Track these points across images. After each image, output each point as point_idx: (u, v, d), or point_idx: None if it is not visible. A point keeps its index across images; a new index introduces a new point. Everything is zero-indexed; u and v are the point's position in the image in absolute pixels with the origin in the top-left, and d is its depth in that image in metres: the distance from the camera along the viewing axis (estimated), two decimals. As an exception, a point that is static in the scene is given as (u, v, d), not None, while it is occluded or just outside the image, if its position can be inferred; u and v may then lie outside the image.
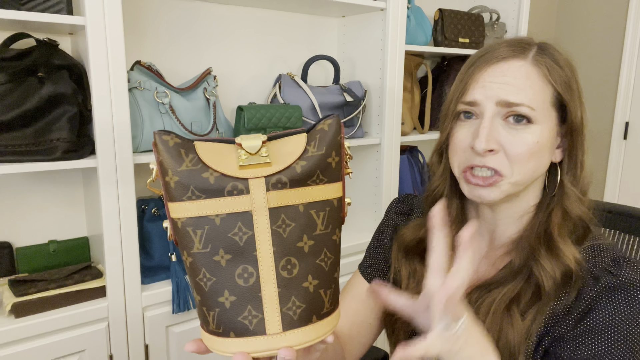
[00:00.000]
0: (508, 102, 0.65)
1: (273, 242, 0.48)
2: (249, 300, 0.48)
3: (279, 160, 0.49)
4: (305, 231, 0.49)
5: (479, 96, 0.67)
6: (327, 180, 0.51)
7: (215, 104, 1.36)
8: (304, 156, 0.49)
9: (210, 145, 0.50)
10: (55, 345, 1.10)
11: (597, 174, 2.66)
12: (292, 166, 0.49)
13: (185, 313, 1.26)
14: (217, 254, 0.48)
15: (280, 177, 0.48)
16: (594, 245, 0.69)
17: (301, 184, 0.49)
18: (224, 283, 0.48)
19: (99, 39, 1.07)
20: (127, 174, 1.14)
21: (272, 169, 0.48)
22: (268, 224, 0.48)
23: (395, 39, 1.59)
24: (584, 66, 2.66)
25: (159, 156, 0.49)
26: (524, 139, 0.66)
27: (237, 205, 0.48)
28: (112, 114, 1.10)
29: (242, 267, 0.48)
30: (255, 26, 1.57)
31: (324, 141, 0.50)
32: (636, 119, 2.51)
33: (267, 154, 0.49)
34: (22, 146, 1.05)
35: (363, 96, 1.59)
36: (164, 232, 1.28)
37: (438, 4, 2.03)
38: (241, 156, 0.48)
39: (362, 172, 1.74)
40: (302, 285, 0.49)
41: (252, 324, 0.48)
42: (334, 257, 0.52)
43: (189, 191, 0.48)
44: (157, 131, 0.49)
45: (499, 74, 0.67)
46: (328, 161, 0.50)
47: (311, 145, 0.50)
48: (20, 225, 1.27)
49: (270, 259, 0.48)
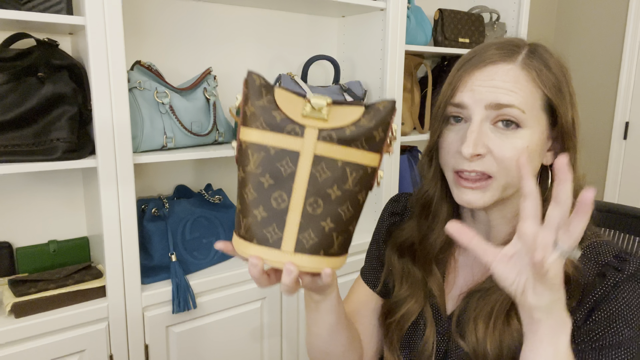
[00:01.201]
0: (498, 104, 0.64)
1: (309, 181, 0.58)
2: (275, 219, 0.58)
3: (335, 120, 0.58)
4: (337, 182, 0.58)
5: (467, 99, 0.67)
6: (368, 148, 0.59)
7: (215, 104, 1.36)
8: (356, 123, 0.58)
9: (287, 93, 0.59)
10: (55, 345, 1.10)
11: (597, 174, 2.66)
12: (344, 128, 0.57)
13: (185, 313, 1.26)
14: (263, 176, 0.58)
15: (330, 133, 0.57)
16: (593, 243, 0.68)
17: (346, 143, 0.57)
18: (261, 200, 0.58)
19: (99, 39, 1.07)
20: (127, 174, 1.14)
21: (327, 124, 0.57)
22: (309, 166, 0.57)
23: (395, 39, 1.59)
24: (584, 66, 2.66)
25: (245, 89, 0.59)
26: (513, 144, 0.65)
27: (291, 143, 0.57)
28: (112, 114, 1.10)
29: (279, 193, 0.58)
30: (255, 26, 1.58)
31: (376, 117, 0.58)
32: (636, 119, 2.51)
33: (327, 112, 0.58)
34: (22, 146, 1.05)
35: (363, 96, 1.59)
36: (164, 232, 1.28)
37: (438, 4, 2.03)
38: (305, 108, 0.58)
39: (362, 172, 1.73)
40: (320, 223, 0.58)
41: (272, 239, 0.58)
42: (354, 211, 0.60)
43: (259, 121, 0.58)
44: (250, 70, 0.60)
45: (486, 77, 0.66)
46: (374, 134, 0.58)
47: (365, 117, 0.58)
48: (20, 225, 1.27)
49: (302, 194, 0.58)
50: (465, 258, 0.79)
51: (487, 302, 0.68)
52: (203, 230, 1.36)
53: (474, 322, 0.68)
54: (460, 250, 0.80)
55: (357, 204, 0.60)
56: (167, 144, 1.25)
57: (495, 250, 0.55)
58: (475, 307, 0.69)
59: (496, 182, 0.66)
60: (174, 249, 1.29)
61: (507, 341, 0.65)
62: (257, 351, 1.41)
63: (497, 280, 0.57)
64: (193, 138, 1.30)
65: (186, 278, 1.26)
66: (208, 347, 1.32)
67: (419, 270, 0.78)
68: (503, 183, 0.66)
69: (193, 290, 1.26)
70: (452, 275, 0.79)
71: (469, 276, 0.77)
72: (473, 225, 0.78)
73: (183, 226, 1.32)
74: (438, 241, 0.77)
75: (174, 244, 1.30)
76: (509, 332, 0.66)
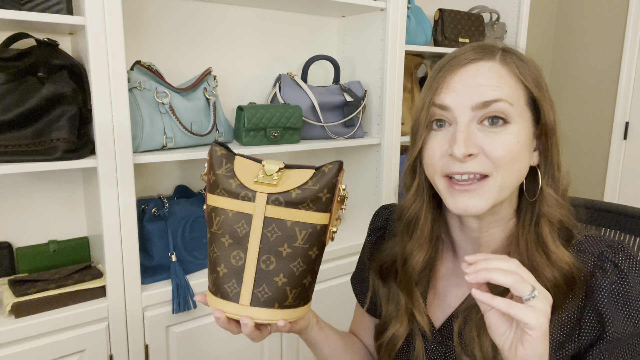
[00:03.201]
0: (485, 102, 0.62)
1: (261, 240, 0.64)
2: (235, 275, 0.65)
3: (284, 184, 0.64)
4: (287, 241, 0.64)
5: (450, 101, 0.64)
6: (315, 209, 0.64)
7: (215, 104, 1.36)
8: (302, 187, 0.64)
9: (245, 161, 0.67)
10: (55, 345, 1.10)
11: (597, 174, 2.65)
12: (290, 192, 0.64)
13: (185, 313, 1.26)
14: (224, 237, 0.65)
15: (278, 197, 0.64)
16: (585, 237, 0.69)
17: (293, 206, 0.64)
18: (222, 258, 0.66)
19: (99, 39, 1.07)
20: (127, 174, 1.14)
21: (276, 189, 0.64)
22: (261, 227, 0.64)
23: (395, 39, 1.59)
24: (584, 66, 2.66)
25: (209, 160, 0.68)
26: (505, 140, 0.63)
27: (244, 207, 0.64)
28: (112, 114, 1.10)
29: (237, 252, 0.65)
30: (255, 26, 1.58)
31: (322, 180, 0.64)
32: (636, 119, 2.51)
33: (278, 177, 0.64)
34: (22, 146, 1.05)
35: (363, 96, 1.59)
36: (164, 232, 1.28)
37: (438, 4, 2.03)
38: (259, 174, 0.65)
39: (362, 172, 1.74)
40: (274, 279, 0.64)
41: (232, 293, 0.65)
42: (305, 267, 0.65)
43: (219, 189, 0.66)
44: (213, 142, 0.69)
45: (469, 76, 0.64)
46: (319, 195, 0.64)
47: (312, 180, 0.65)
48: (20, 225, 1.27)
49: (255, 252, 0.64)
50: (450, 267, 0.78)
51: None
52: (203, 230, 1.36)
53: (479, 338, 0.67)
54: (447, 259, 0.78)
55: (309, 260, 0.65)
56: (167, 144, 1.25)
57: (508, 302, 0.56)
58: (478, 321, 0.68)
59: (492, 182, 0.63)
60: (174, 249, 1.29)
61: None
62: (257, 351, 1.41)
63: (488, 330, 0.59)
64: (193, 138, 1.30)
65: (186, 278, 1.26)
66: (208, 347, 1.32)
67: (401, 291, 0.76)
68: (499, 182, 0.64)
69: (193, 290, 1.26)
70: (440, 283, 0.77)
71: (454, 285, 0.76)
72: (461, 235, 0.75)
73: (183, 226, 1.32)
74: (420, 262, 0.74)
75: (174, 244, 1.30)
76: None
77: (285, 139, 1.43)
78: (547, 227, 0.67)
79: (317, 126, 1.52)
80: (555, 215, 0.67)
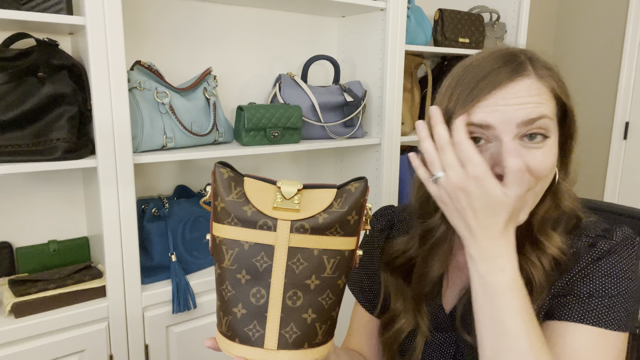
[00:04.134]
0: (531, 119, 0.63)
1: (286, 274, 0.57)
2: (256, 316, 0.57)
3: (307, 208, 0.57)
4: (315, 272, 0.57)
5: (493, 120, 0.63)
6: (344, 233, 0.58)
7: (215, 104, 1.36)
8: (328, 210, 0.58)
9: (257, 183, 0.59)
10: (55, 345, 1.10)
11: (597, 174, 2.65)
12: (316, 216, 0.57)
13: (185, 313, 1.26)
14: (240, 272, 0.57)
15: (303, 224, 0.57)
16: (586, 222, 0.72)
17: (320, 232, 0.57)
18: (240, 297, 0.58)
19: (99, 39, 1.07)
20: (127, 174, 1.14)
21: (299, 215, 0.57)
22: (285, 259, 0.57)
23: (395, 39, 1.59)
24: (584, 66, 2.65)
25: (214, 184, 0.59)
26: (545, 154, 0.64)
27: (264, 238, 0.57)
28: (112, 114, 1.10)
29: (257, 289, 0.57)
30: (255, 26, 1.58)
31: (349, 201, 0.58)
32: (636, 119, 2.51)
33: (299, 201, 0.57)
34: (22, 146, 1.05)
35: (363, 96, 1.59)
36: (164, 232, 1.28)
37: (438, 4, 2.03)
38: (277, 198, 0.57)
39: (362, 172, 1.74)
40: (302, 315, 0.57)
41: (254, 337, 0.57)
42: (335, 298, 0.59)
43: (230, 217, 0.58)
44: (217, 163, 0.59)
45: (511, 95, 0.64)
46: (347, 218, 0.58)
47: (337, 201, 0.58)
48: (20, 225, 1.27)
49: (280, 288, 0.57)
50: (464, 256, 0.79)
51: None
52: (203, 230, 1.36)
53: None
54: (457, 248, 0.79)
55: (338, 289, 0.59)
56: (167, 144, 1.25)
57: None
58: None
59: (532, 192, 0.65)
60: (174, 249, 1.29)
61: None
62: (257, 351, 1.41)
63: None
64: (193, 138, 1.30)
65: (186, 278, 1.26)
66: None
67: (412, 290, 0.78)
68: (537, 191, 0.66)
69: (193, 290, 1.26)
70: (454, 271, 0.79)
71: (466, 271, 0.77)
72: None
73: (183, 226, 1.32)
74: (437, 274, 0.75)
75: (174, 244, 1.30)
76: None
77: (285, 139, 1.43)
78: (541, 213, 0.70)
79: (317, 126, 1.52)
80: (567, 204, 0.71)
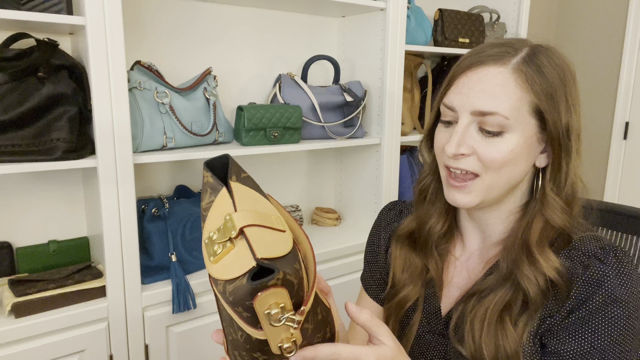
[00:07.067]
0: (481, 112, 0.66)
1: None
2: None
3: (222, 266, 0.47)
4: (238, 348, 0.49)
5: (456, 103, 0.69)
6: (244, 321, 0.48)
7: (215, 104, 1.36)
8: (233, 282, 0.46)
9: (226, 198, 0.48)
10: (55, 345, 1.10)
11: (597, 174, 2.66)
12: (220, 282, 0.46)
13: (185, 313, 1.26)
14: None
15: (220, 283, 0.47)
16: (584, 236, 0.69)
17: (230, 305, 0.47)
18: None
19: (99, 39, 1.07)
20: (127, 174, 1.14)
21: (210, 268, 0.47)
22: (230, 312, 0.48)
23: (395, 39, 1.59)
24: (584, 66, 2.65)
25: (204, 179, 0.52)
26: (498, 147, 0.66)
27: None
28: (112, 114, 1.10)
29: None
30: (255, 26, 1.58)
31: (243, 289, 0.46)
32: (636, 119, 2.51)
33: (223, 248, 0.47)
34: (22, 146, 1.05)
35: (363, 96, 1.59)
36: (164, 232, 1.28)
37: (438, 4, 2.03)
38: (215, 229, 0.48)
39: (362, 172, 1.74)
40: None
41: None
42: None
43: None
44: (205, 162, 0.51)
45: (476, 80, 0.67)
46: (247, 304, 0.46)
47: (245, 276, 0.46)
48: (20, 225, 1.27)
49: None
50: (463, 256, 0.79)
51: (482, 305, 0.69)
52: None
53: (471, 325, 0.69)
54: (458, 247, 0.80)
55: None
56: (167, 144, 1.25)
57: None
58: (472, 310, 0.70)
59: (481, 182, 0.68)
60: (174, 249, 1.29)
61: (502, 343, 0.66)
62: (257, 351, 1.41)
63: None
64: (193, 138, 1.30)
65: (186, 278, 1.26)
66: (208, 347, 1.32)
67: (418, 257, 0.80)
68: (487, 182, 0.68)
69: (193, 290, 1.26)
70: (450, 269, 0.79)
71: (464, 274, 0.77)
72: (469, 223, 0.78)
73: (183, 226, 1.32)
74: (437, 227, 0.79)
75: (174, 244, 1.30)
76: (502, 334, 0.66)
77: (285, 139, 1.43)
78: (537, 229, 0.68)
79: (317, 126, 1.52)
80: (556, 220, 0.68)
